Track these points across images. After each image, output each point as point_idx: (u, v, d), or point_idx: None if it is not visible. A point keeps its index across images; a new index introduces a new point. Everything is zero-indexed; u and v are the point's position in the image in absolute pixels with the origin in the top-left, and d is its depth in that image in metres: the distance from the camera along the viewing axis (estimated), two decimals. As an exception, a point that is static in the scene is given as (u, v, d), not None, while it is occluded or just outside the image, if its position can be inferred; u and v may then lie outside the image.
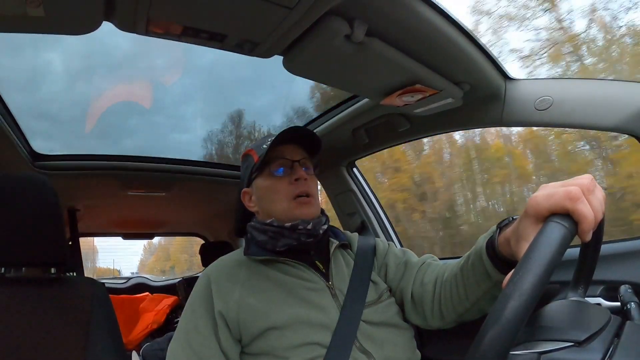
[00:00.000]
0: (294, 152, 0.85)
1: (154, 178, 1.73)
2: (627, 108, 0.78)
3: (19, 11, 0.57)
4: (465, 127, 1.14)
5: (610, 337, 0.44)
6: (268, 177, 0.84)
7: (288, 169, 0.84)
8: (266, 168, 0.84)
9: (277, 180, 0.83)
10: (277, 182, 0.83)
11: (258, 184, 0.86)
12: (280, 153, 0.84)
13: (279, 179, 0.83)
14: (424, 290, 0.79)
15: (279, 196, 0.82)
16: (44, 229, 0.82)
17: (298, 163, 0.84)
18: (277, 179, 0.83)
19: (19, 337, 0.76)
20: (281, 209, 0.81)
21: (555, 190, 0.43)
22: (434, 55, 0.81)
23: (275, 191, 0.82)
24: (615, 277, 0.76)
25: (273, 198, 0.83)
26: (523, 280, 0.34)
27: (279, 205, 0.82)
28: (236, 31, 0.69)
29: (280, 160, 0.84)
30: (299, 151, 0.86)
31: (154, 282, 3.12)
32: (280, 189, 0.82)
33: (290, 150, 0.85)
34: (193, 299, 0.78)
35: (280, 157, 0.84)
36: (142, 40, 1.68)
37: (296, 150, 0.86)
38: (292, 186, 0.82)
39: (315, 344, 0.70)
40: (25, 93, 2.23)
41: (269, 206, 0.84)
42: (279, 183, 0.83)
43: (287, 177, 0.83)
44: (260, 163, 0.84)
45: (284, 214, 0.81)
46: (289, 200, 0.81)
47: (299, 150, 0.86)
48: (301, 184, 0.82)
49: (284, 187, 0.82)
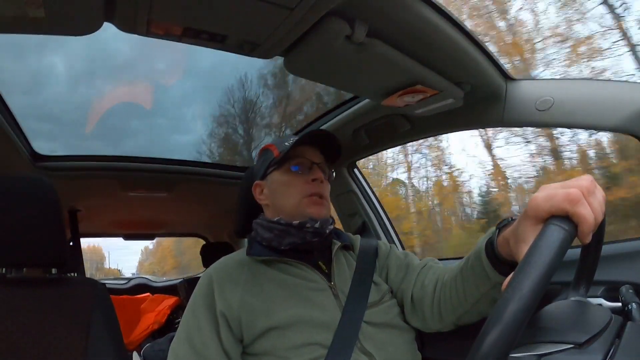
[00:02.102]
0: (315, 154, 0.87)
1: (154, 179, 1.73)
2: (628, 108, 0.77)
3: (19, 12, 0.57)
4: (466, 128, 1.13)
5: (611, 338, 0.44)
6: (286, 173, 0.85)
7: (306, 169, 0.85)
8: (285, 164, 0.85)
9: (295, 177, 0.84)
10: (294, 178, 0.84)
11: (274, 177, 0.86)
12: (302, 152, 0.85)
13: (297, 176, 0.84)
14: (424, 292, 0.79)
15: (293, 191, 0.83)
16: (45, 229, 0.82)
17: (317, 165, 0.85)
18: (295, 175, 0.84)
19: (20, 338, 0.77)
20: (293, 204, 0.82)
21: (555, 192, 0.42)
22: (435, 55, 0.81)
23: (290, 186, 0.84)
24: (617, 277, 0.76)
25: (287, 192, 0.84)
26: (522, 283, 0.34)
27: (291, 200, 0.83)
28: (237, 32, 0.69)
29: (301, 159, 0.85)
30: (318, 155, 0.88)
31: (155, 282, 3.11)
32: (296, 184, 0.83)
33: (312, 152, 0.87)
34: (195, 299, 0.78)
35: (301, 156, 0.85)
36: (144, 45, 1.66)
37: (317, 154, 0.87)
38: (308, 185, 0.83)
39: (317, 344, 0.70)
40: (29, 95, 2.24)
41: (280, 200, 0.84)
42: (296, 179, 0.84)
43: (305, 176, 0.84)
44: (281, 158, 0.85)
45: (294, 210, 0.82)
46: (302, 197, 0.82)
47: (318, 154, 0.88)
48: (317, 185, 0.84)
49: (300, 184, 0.83)
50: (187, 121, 3.41)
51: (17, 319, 0.78)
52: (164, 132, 3.53)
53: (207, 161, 2.38)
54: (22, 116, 1.25)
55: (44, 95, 2.49)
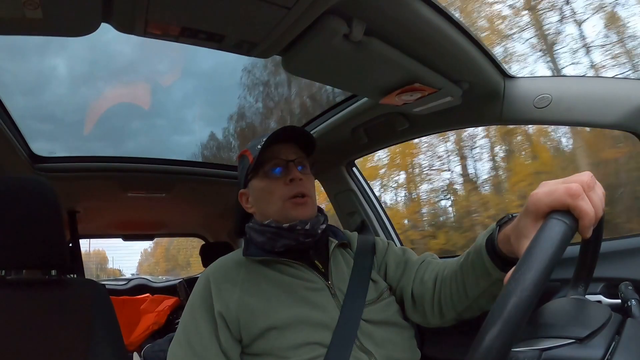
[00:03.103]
0: (289, 151, 0.84)
1: (153, 179, 1.72)
2: (626, 105, 0.78)
3: (16, 13, 0.57)
4: (464, 126, 1.14)
5: (611, 334, 0.44)
6: (263, 178, 0.83)
7: (283, 169, 0.82)
8: (261, 169, 0.83)
9: (272, 181, 0.82)
10: (272, 183, 0.82)
11: (254, 185, 0.85)
12: (275, 153, 0.83)
13: (274, 180, 0.82)
14: (424, 288, 0.79)
15: (273, 197, 0.81)
16: (44, 231, 0.82)
17: (293, 162, 0.83)
18: (272, 179, 0.82)
19: (20, 340, 0.76)
20: (276, 209, 0.81)
21: (556, 187, 0.43)
22: (433, 53, 0.81)
23: (270, 192, 0.82)
24: (616, 274, 0.76)
25: (268, 199, 0.82)
26: (525, 276, 0.34)
27: (274, 206, 0.81)
28: (234, 31, 0.69)
29: (275, 160, 0.83)
30: (293, 150, 0.85)
31: (155, 283, 3.11)
32: (275, 189, 0.81)
33: (285, 149, 0.84)
34: (193, 299, 0.78)
35: (274, 157, 0.83)
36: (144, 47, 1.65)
37: (291, 150, 0.84)
38: (288, 187, 0.81)
39: (316, 344, 0.70)
40: (30, 97, 2.25)
41: (264, 207, 0.83)
42: (273, 184, 0.82)
43: (282, 178, 0.82)
44: (255, 164, 0.83)
45: (279, 215, 0.80)
46: (284, 201, 0.80)
47: (293, 149, 0.85)
48: (296, 184, 0.81)
49: (279, 187, 0.81)
50: (187, 123, 3.43)
51: (17, 320, 0.78)
52: (163, 133, 3.55)
53: (206, 161, 2.37)
54: (22, 118, 1.26)
55: (45, 97, 2.49)
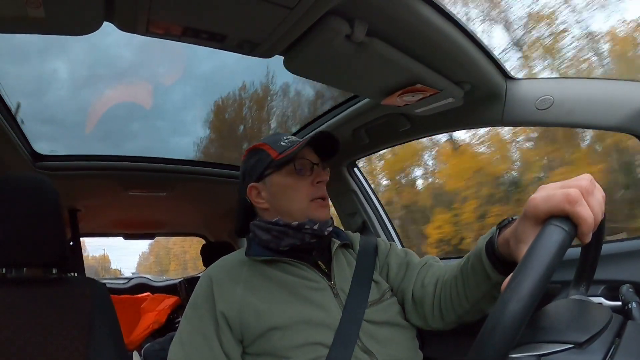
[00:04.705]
0: (313, 155, 0.85)
1: (154, 178, 1.73)
2: (628, 107, 0.77)
3: (19, 12, 0.57)
4: (466, 127, 1.14)
5: (611, 338, 0.44)
6: (289, 175, 0.83)
7: (308, 170, 0.83)
8: (286, 166, 0.83)
9: (300, 179, 0.82)
10: (300, 181, 0.82)
11: (275, 180, 0.84)
12: (303, 154, 0.84)
13: (302, 179, 0.82)
14: (425, 291, 0.79)
15: (299, 195, 0.81)
16: (45, 229, 0.82)
17: (318, 166, 0.84)
18: (300, 178, 0.82)
19: (21, 338, 0.77)
20: (300, 207, 0.81)
21: (554, 193, 0.42)
22: (435, 55, 0.81)
23: (296, 190, 0.82)
24: (617, 276, 0.76)
25: (292, 196, 0.82)
26: (521, 285, 0.34)
27: (297, 204, 0.81)
28: (236, 31, 0.69)
29: (303, 160, 0.83)
30: (315, 155, 0.86)
31: (155, 282, 3.12)
32: (302, 188, 0.82)
33: (310, 152, 0.85)
34: (194, 299, 0.77)
35: (302, 158, 0.83)
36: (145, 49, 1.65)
37: (314, 154, 0.86)
38: (314, 188, 0.82)
39: (318, 344, 0.70)
40: (32, 98, 2.26)
41: (285, 203, 0.82)
42: (301, 182, 0.82)
43: (308, 178, 0.83)
44: (284, 160, 0.82)
45: (300, 213, 0.81)
46: (309, 201, 0.81)
47: (314, 154, 0.86)
48: (321, 187, 0.83)
49: (305, 187, 0.82)
50: (187, 124, 3.44)
51: (17, 319, 0.78)
52: (163, 134, 3.56)
53: (207, 160, 2.37)
54: (24, 118, 1.26)
55: (47, 99, 2.51)
